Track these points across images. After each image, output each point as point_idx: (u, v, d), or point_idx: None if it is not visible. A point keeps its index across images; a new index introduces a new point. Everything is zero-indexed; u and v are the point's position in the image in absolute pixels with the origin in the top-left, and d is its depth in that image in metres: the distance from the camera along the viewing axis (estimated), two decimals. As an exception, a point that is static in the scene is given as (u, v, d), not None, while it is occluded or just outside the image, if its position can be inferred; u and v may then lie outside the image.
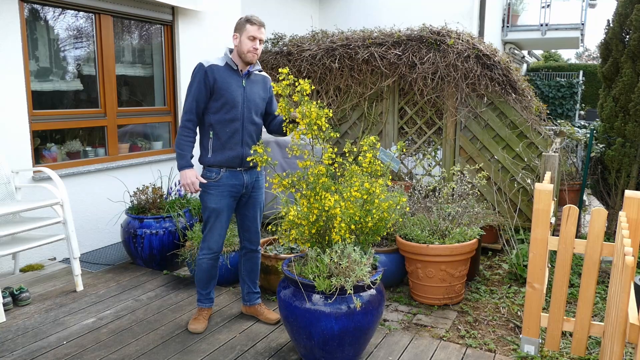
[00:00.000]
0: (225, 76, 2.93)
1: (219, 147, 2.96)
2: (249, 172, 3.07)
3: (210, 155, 2.97)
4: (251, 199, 3.15)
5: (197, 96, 2.92)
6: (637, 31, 4.45)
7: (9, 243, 3.53)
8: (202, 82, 2.90)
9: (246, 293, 3.33)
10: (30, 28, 4.25)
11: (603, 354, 2.22)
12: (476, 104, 4.87)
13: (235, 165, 2.99)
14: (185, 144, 2.94)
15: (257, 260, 3.32)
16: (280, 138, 5.14)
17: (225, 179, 2.98)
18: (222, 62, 2.96)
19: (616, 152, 4.66)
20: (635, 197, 2.40)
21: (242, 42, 2.92)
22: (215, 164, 2.97)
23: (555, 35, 11.92)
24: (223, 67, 2.94)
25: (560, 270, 2.68)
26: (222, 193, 2.99)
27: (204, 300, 3.25)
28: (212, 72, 2.90)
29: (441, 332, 3.18)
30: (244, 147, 2.99)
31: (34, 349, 2.89)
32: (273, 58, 5.82)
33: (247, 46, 2.91)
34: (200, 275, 3.17)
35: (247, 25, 2.92)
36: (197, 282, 3.22)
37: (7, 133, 3.96)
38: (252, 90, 3.02)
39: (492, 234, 4.64)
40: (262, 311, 3.31)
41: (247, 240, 3.25)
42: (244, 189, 3.06)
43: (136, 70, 5.25)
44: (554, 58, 21.97)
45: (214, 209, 3.01)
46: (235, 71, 2.97)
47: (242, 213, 3.18)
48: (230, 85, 2.93)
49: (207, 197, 3.02)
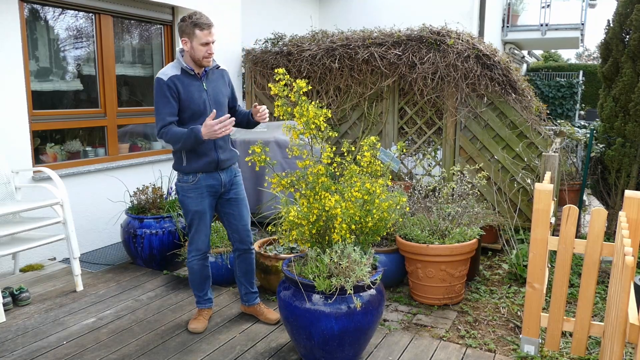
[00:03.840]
0: (186, 84, 2.84)
1: (194, 155, 2.91)
2: (225, 171, 3.04)
3: (186, 164, 2.92)
4: (232, 197, 3.10)
5: (169, 108, 2.81)
6: (637, 31, 4.45)
7: (9, 243, 3.53)
8: (169, 95, 2.79)
9: (244, 294, 3.32)
10: (30, 28, 4.25)
11: (603, 354, 2.22)
12: (476, 104, 4.87)
13: (211, 169, 2.96)
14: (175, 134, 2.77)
15: (252, 260, 3.27)
16: (280, 138, 5.13)
17: (202, 180, 2.95)
18: (177, 70, 2.85)
19: (616, 152, 4.66)
20: (635, 197, 2.39)
21: (195, 49, 2.80)
22: (192, 171, 2.93)
23: (555, 35, 11.92)
24: (180, 75, 2.84)
25: (560, 270, 2.68)
26: (201, 194, 2.97)
27: (202, 302, 3.25)
28: (174, 83, 2.80)
29: (441, 332, 3.18)
30: (217, 151, 2.95)
31: (34, 349, 2.89)
32: (273, 58, 5.82)
33: (201, 53, 2.81)
34: (194, 277, 3.16)
35: (196, 31, 2.77)
36: (192, 285, 3.20)
37: (7, 133, 3.96)
38: (214, 90, 2.95)
39: (492, 234, 4.64)
40: (262, 311, 3.29)
41: (238, 240, 3.19)
42: (222, 187, 3.04)
43: (136, 70, 5.25)
44: (553, 58, 21.97)
45: (196, 211, 2.98)
46: (193, 76, 2.88)
47: (225, 212, 3.13)
48: (192, 94, 2.85)
49: (187, 200, 2.98)
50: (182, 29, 2.82)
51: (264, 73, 5.98)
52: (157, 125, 2.83)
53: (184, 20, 2.81)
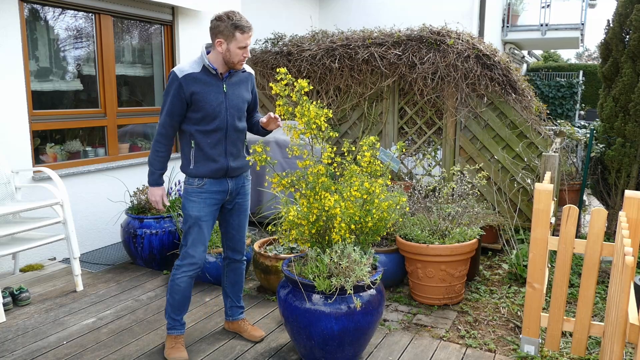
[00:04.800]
0: (203, 85, 2.63)
1: (202, 159, 2.71)
2: (234, 179, 2.83)
3: (193, 167, 2.72)
4: (236, 206, 2.89)
5: (171, 110, 2.64)
6: (637, 31, 4.46)
7: (9, 243, 3.52)
8: (177, 95, 2.61)
9: (229, 307, 3.08)
10: (30, 28, 4.25)
11: (603, 354, 2.22)
12: (476, 104, 4.87)
13: (219, 176, 2.75)
14: (155, 159, 2.73)
15: (242, 271, 3.05)
16: (280, 138, 5.13)
17: (209, 185, 2.74)
18: (198, 67, 2.63)
19: (616, 152, 4.66)
20: (635, 197, 2.40)
21: (232, 52, 2.59)
22: (198, 175, 2.72)
23: (555, 36, 11.93)
24: (200, 73, 2.63)
25: (560, 270, 2.68)
26: (204, 200, 2.73)
27: (178, 327, 2.86)
28: (188, 83, 2.59)
29: (441, 332, 3.18)
30: (228, 158, 2.74)
31: (34, 349, 2.89)
32: (273, 58, 5.82)
33: (238, 56, 2.61)
34: (178, 297, 2.79)
35: (236, 33, 2.56)
36: (172, 308, 2.81)
37: (7, 133, 3.96)
38: (234, 94, 2.73)
39: (492, 234, 4.64)
40: (246, 327, 3.06)
41: (231, 249, 2.99)
42: (228, 195, 2.82)
43: (136, 70, 5.24)
44: (553, 58, 21.97)
45: (197, 217, 2.72)
46: (215, 75, 2.66)
47: (226, 220, 2.93)
48: (208, 95, 2.64)
49: (189, 204, 2.74)
50: (219, 30, 2.57)
51: (264, 73, 5.98)
52: (158, 123, 2.72)
53: (221, 20, 2.57)
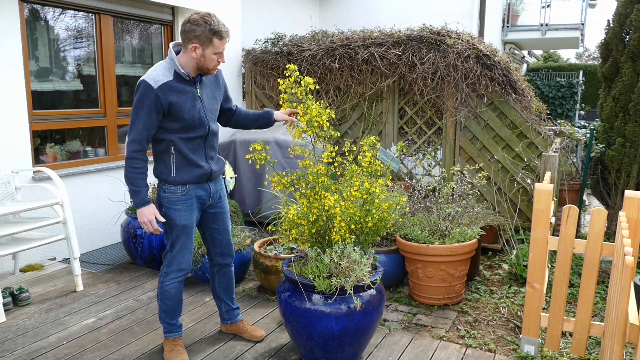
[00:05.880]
0: (179, 94, 2.49)
1: (184, 165, 2.60)
2: (214, 182, 2.78)
3: (175, 174, 2.60)
4: (218, 211, 2.83)
5: (149, 124, 2.47)
6: (637, 31, 4.45)
7: (9, 243, 3.53)
8: (153, 108, 2.44)
9: (225, 312, 3.05)
10: (30, 28, 4.25)
11: (603, 354, 2.22)
12: (476, 104, 4.87)
13: (203, 181, 2.68)
14: (136, 177, 2.52)
15: (232, 274, 3.02)
16: (281, 138, 5.13)
17: (192, 191, 2.65)
18: (170, 74, 2.49)
19: (616, 152, 4.66)
20: (635, 197, 2.40)
21: (207, 57, 2.48)
22: (182, 182, 2.61)
23: (555, 36, 11.93)
24: (173, 81, 2.48)
25: (560, 270, 2.68)
26: (190, 207, 2.65)
27: (175, 330, 2.83)
28: (164, 94, 2.44)
29: (441, 332, 3.18)
30: (209, 162, 2.68)
31: (34, 349, 2.89)
32: (273, 58, 5.82)
33: (213, 62, 2.52)
34: (170, 303, 2.75)
35: (214, 39, 2.45)
36: (165, 313, 2.78)
37: (7, 133, 3.96)
38: (208, 97, 2.65)
39: (492, 234, 4.64)
40: (246, 328, 3.04)
41: (220, 255, 2.93)
42: (210, 199, 2.76)
43: (136, 70, 5.25)
44: (553, 58, 21.98)
45: (185, 225, 2.64)
46: (187, 81, 2.54)
47: (210, 227, 2.85)
48: (185, 103, 2.51)
49: (175, 214, 2.62)
50: (194, 34, 2.43)
51: (264, 73, 5.98)
52: (129, 139, 2.49)
53: (196, 24, 2.43)
